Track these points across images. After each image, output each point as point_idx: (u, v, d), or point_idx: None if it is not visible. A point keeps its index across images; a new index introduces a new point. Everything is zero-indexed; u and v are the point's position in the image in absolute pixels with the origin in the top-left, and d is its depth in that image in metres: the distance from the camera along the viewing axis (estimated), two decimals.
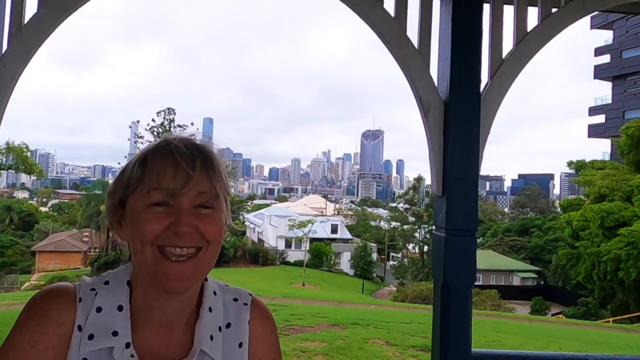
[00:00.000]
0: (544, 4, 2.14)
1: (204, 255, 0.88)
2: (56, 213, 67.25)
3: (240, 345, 0.97)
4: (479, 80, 2.04)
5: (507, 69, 2.08)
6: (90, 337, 0.87)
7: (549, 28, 2.11)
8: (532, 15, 2.12)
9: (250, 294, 1.02)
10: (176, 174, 0.86)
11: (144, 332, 0.90)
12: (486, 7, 2.11)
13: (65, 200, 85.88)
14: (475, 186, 2.05)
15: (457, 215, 2.03)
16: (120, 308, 0.89)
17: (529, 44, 2.09)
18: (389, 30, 2.02)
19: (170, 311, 0.91)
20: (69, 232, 44.98)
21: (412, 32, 2.08)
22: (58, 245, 40.12)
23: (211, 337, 0.92)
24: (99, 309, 0.88)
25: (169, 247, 0.85)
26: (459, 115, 2.00)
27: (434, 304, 2.19)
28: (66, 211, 66.16)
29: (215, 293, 0.98)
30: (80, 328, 0.87)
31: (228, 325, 0.96)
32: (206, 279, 0.97)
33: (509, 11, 2.13)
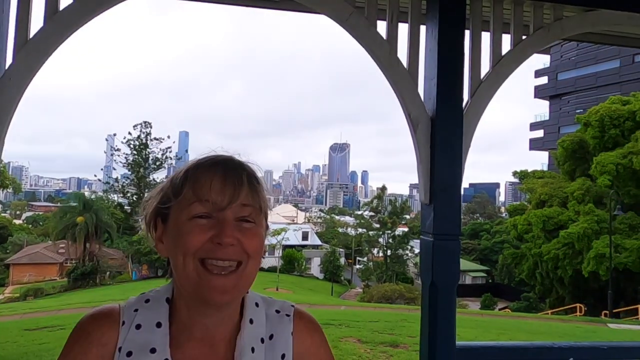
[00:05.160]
0: (515, 32, 2.25)
1: (244, 270, 0.82)
2: (30, 225, 63.42)
3: (283, 356, 0.90)
4: (461, 98, 2.10)
5: (485, 89, 2.15)
6: (129, 354, 0.82)
7: (520, 53, 2.21)
8: (506, 41, 2.23)
9: (292, 306, 0.97)
10: (224, 187, 0.82)
11: (186, 349, 0.84)
12: (467, 33, 2.18)
13: (40, 213, 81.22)
14: (459, 195, 2.09)
15: (443, 222, 2.06)
16: (158, 325, 0.84)
17: (504, 66, 2.18)
18: (381, 52, 2.05)
19: (212, 327, 0.86)
20: (44, 244, 42.45)
21: (402, 53, 2.13)
22: (33, 258, 37.77)
23: (252, 349, 0.87)
24: (138, 326, 0.84)
25: (211, 260, 0.80)
26: (445, 130, 2.04)
27: (422, 302, 2.21)
28: (41, 223, 62.48)
29: (257, 305, 0.93)
30: (120, 350, 0.83)
31: (271, 337, 0.91)
32: (247, 292, 0.92)
33: (486, 37, 2.23)
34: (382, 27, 2.10)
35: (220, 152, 0.89)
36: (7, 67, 1.76)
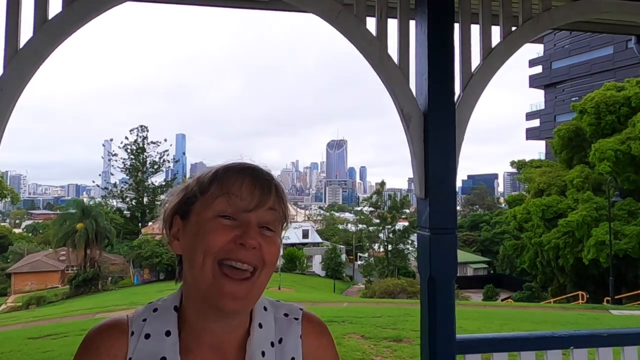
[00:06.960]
0: (505, 24, 2.25)
1: (258, 278, 0.82)
2: (30, 234, 63.22)
3: None
4: (452, 93, 2.10)
5: (476, 82, 2.16)
6: None
7: (510, 44, 2.22)
8: (496, 34, 2.25)
9: (301, 309, 0.96)
10: (254, 190, 0.83)
11: (196, 356, 0.84)
12: (456, 27, 2.19)
13: (40, 221, 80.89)
14: (453, 188, 2.10)
15: (439, 216, 2.06)
16: (167, 333, 0.84)
17: (494, 59, 2.19)
18: (372, 49, 2.06)
19: (222, 333, 0.86)
20: (44, 252, 42.36)
21: (393, 50, 2.14)
22: (34, 266, 37.70)
23: (263, 354, 0.86)
24: (147, 336, 0.84)
25: (230, 261, 0.80)
26: (437, 125, 2.05)
27: (421, 296, 2.22)
28: (41, 231, 62.25)
29: (265, 309, 0.92)
30: None
31: (280, 341, 0.90)
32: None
33: (475, 30, 2.23)
34: (371, 23, 2.10)
35: (236, 159, 0.89)
36: None
